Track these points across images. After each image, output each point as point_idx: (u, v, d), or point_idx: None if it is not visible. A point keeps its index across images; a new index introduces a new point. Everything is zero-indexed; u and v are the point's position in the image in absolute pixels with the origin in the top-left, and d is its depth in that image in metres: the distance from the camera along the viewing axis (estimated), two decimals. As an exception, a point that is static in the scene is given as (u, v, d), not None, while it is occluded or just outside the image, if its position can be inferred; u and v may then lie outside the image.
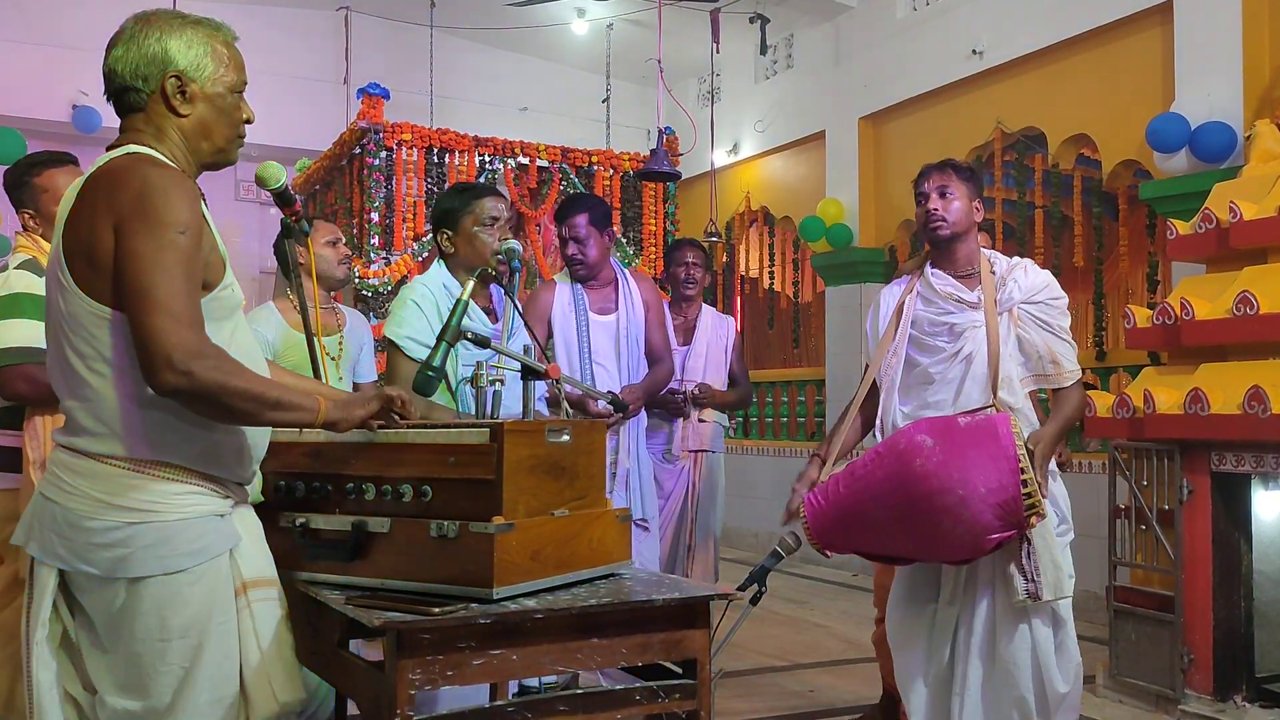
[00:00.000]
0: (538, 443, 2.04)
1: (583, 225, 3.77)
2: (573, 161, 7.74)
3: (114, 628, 1.80)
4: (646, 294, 3.92)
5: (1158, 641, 4.32)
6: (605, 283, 3.86)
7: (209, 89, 1.91)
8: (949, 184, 3.01)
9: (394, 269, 6.99)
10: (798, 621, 6.15)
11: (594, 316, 3.80)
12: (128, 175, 1.78)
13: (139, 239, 1.73)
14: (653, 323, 3.91)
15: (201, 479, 1.85)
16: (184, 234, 1.75)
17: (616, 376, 3.76)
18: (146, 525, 1.77)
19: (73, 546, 1.78)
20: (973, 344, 2.96)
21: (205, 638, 1.82)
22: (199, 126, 1.92)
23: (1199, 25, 5.56)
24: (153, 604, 1.78)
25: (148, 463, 1.80)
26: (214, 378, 1.71)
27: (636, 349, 3.83)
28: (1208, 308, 4.20)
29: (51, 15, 8.62)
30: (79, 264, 1.79)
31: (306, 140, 8.52)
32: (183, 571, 1.79)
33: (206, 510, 1.85)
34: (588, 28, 9.49)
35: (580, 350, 3.77)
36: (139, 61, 1.87)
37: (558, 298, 3.82)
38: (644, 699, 1.99)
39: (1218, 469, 4.14)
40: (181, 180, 1.81)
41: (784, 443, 8.93)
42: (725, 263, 10.06)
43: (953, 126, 7.28)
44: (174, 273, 1.72)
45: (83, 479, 1.79)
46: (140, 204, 1.74)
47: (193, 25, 1.91)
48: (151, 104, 1.89)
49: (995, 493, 2.58)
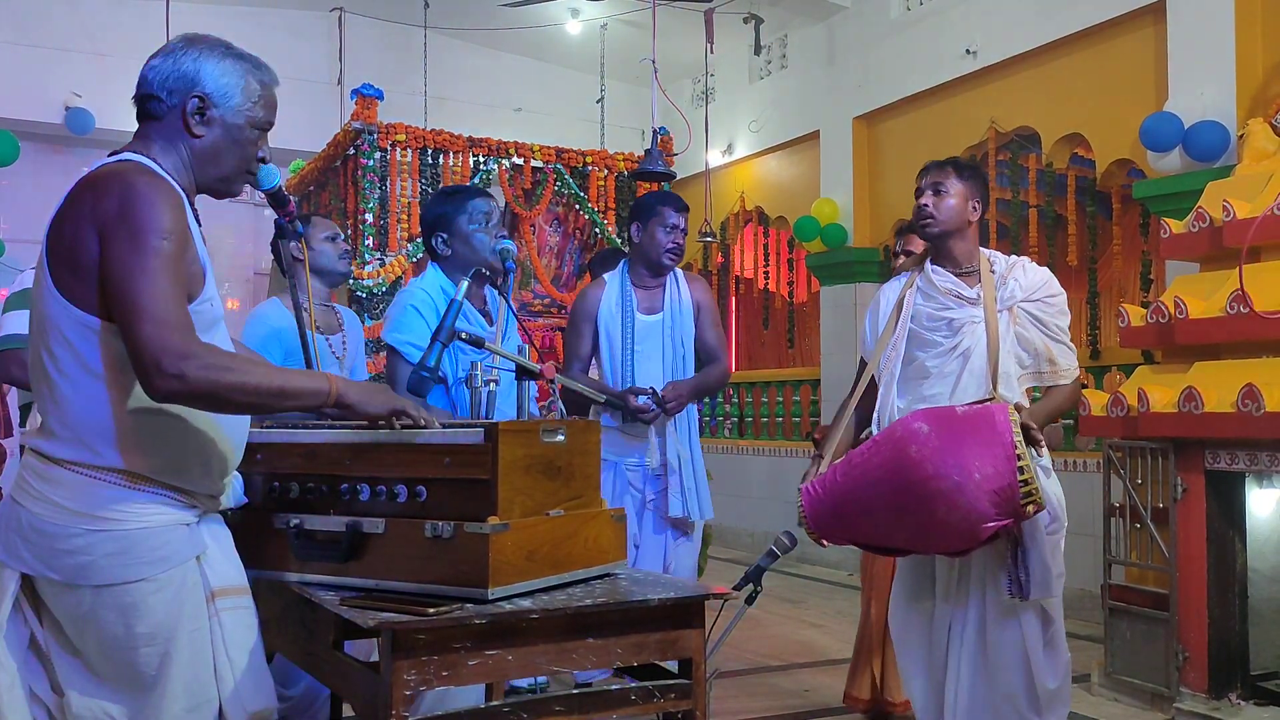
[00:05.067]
0: (533, 443, 2.04)
1: (685, 220, 3.85)
2: (567, 162, 7.73)
3: (81, 632, 1.81)
4: (698, 295, 3.93)
5: (1152, 640, 4.33)
6: (655, 283, 3.87)
7: (229, 118, 1.94)
8: (944, 181, 3.03)
9: (389, 270, 6.98)
10: (793, 621, 6.15)
11: (640, 316, 3.81)
12: (112, 182, 1.79)
13: (122, 246, 1.73)
14: (705, 323, 3.92)
15: (166, 488, 1.84)
16: (167, 240, 1.75)
17: (660, 376, 3.77)
18: (107, 534, 1.78)
19: (36, 552, 1.78)
20: (971, 339, 2.98)
21: (173, 645, 1.81)
22: (210, 151, 1.94)
23: (1192, 25, 5.57)
24: (116, 612, 1.78)
25: (113, 470, 1.80)
26: (206, 376, 1.71)
27: (683, 349, 3.84)
28: (1201, 306, 4.21)
29: (44, 16, 8.60)
30: (61, 270, 1.79)
31: (300, 141, 8.50)
32: (144, 580, 1.79)
33: (170, 519, 1.84)
34: (582, 28, 9.48)
35: (624, 349, 3.78)
36: (171, 74, 1.90)
37: (605, 296, 3.84)
38: (640, 699, 1.99)
39: (1212, 467, 4.14)
40: (165, 188, 1.82)
41: (778, 442, 8.93)
42: (720, 263, 10.06)
43: (947, 126, 7.29)
44: (158, 278, 1.73)
45: (48, 485, 1.79)
46: (123, 211, 1.75)
47: (235, 57, 1.95)
48: (169, 117, 1.91)
49: (991, 479, 2.58)
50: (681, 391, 3.71)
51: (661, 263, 3.79)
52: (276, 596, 2.27)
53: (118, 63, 7.70)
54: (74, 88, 8.41)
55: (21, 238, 8.24)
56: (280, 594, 2.23)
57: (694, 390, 3.80)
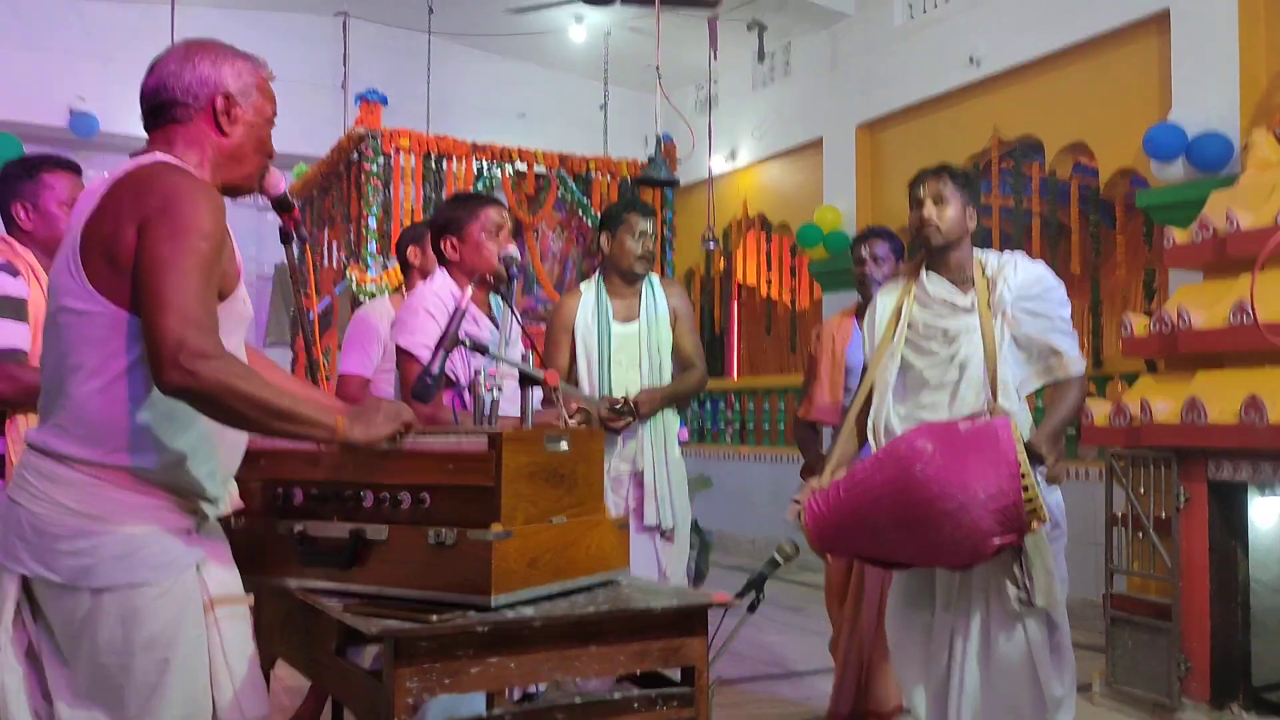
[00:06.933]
0: (536, 450, 2.04)
1: (653, 225, 3.90)
2: (570, 168, 7.75)
3: (75, 638, 1.79)
4: (674, 301, 3.93)
5: (1154, 650, 4.32)
6: (631, 291, 3.88)
7: (251, 116, 1.96)
8: (944, 191, 3.02)
9: (391, 274, 6.99)
10: (795, 629, 6.14)
11: (616, 325, 3.82)
12: (157, 180, 1.80)
13: (161, 241, 1.74)
14: (682, 330, 3.92)
15: (171, 491, 1.84)
16: (206, 241, 1.76)
17: (638, 384, 3.77)
18: (112, 536, 1.77)
19: (36, 552, 1.77)
20: (968, 348, 2.97)
21: (172, 653, 1.80)
22: (237, 150, 1.96)
23: (1196, 34, 5.57)
24: (116, 616, 1.77)
25: (118, 470, 1.79)
26: (218, 379, 1.70)
27: (659, 357, 3.83)
28: (1205, 316, 4.21)
29: (49, 20, 8.62)
30: (98, 262, 1.79)
31: (304, 145, 8.51)
32: (147, 585, 1.78)
33: (173, 525, 1.84)
34: (586, 34, 9.50)
35: (600, 357, 3.78)
36: (192, 79, 1.91)
37: (582, 305, 3.84)
38: (642, 707, 1.98)
39: (1215, 477, 4.14)
40: (208, 189, 1.84)
41: (780, 449, 8.92)
42: (723, 269, 10.07)
43: (950, 134, 7.29)
44: (191, 276, 1.73)
45: (51, 484, 1.78)
46: (166, 207, 1.76)
47: (242, 56, 1.98)
48: (195, 121, 1.93)
49: (995, 498, 2.58)
50: (655, 398, 3.72)
51: (634, 270, 3.79)
52: (279, 603, 2.27)
53: (123, 66, 7.67)
54: (79, 91, 8.42)
55: (25, 241, 8.26)
56: (283, 600, 2.23)
57: (668, 397, 3.80)
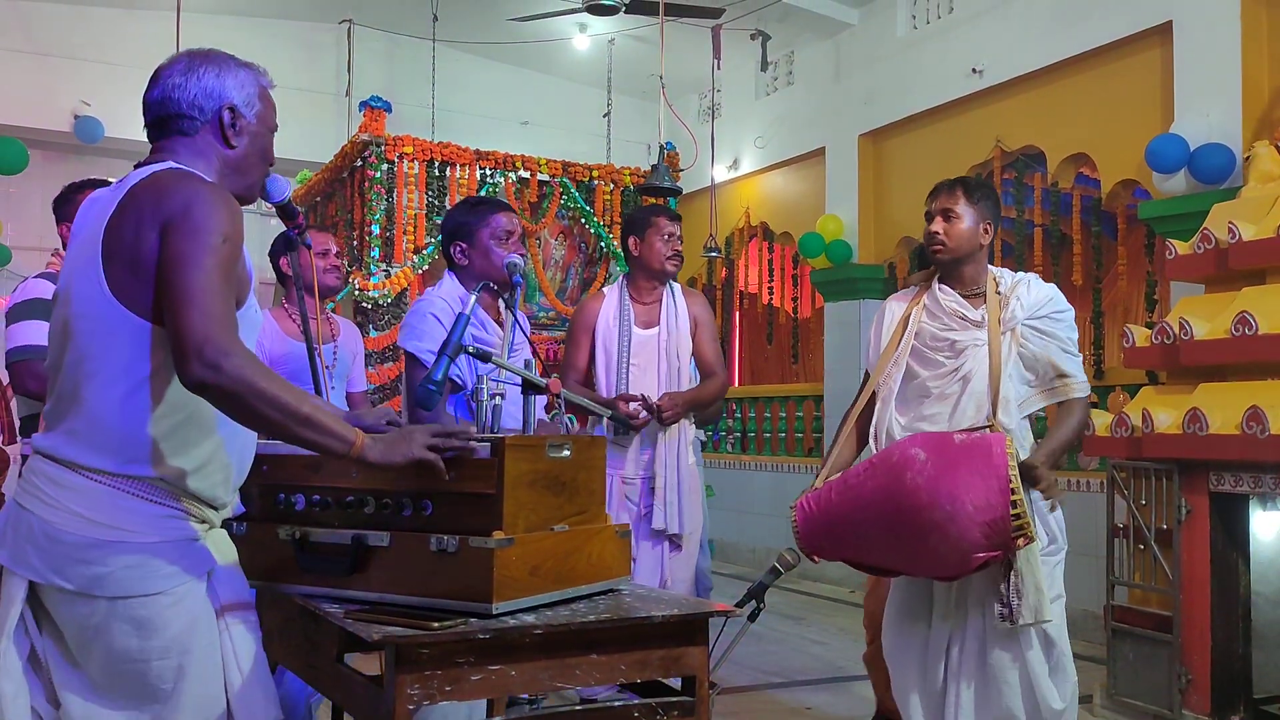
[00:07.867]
0: (538, 457, 2.04)
1: (679, 229, 3.97)
2: (574, 176, 7.76)
3: (87, 644, 1.79)
4: (695, 310, 3.98)
5: (1155, 661, 4.31)
6: (653, 297, 3.90)
7: (255, 126, 1.98)
8: (954, 206, 3.01)
9: (394, 281, 7.00)
10: (796, 638, 6.13)
11: (637, 330, 3.85)
12: (177, 185, 1.82)
13: (183, 240, 1.76)
14: (703, 338, 3.96)
15: (182, 499, 1.84)
16: (225, 242, 1.78)
17: (655, 389, 3.80)
18: (125, 545, 1.77)
19: (48, 559, 1.77)
20: (973, 362, 2.97)
21: (187, 659, 1.81)
22: (243, 160, 1.98)
23: (1198, 46, 5.58)
24: (130, 624, 1.77)
25: (132, 479, 1.79)
26: (242, 375, 1.70)
27: (678, 362, 3.86)
28: (1207, 328, 4.21)
29: (54, 25, 8.64)
30: (119, 270, 1.80)
31: (308, 152, 8.54)
32: (161, 594, 1.79)
33: (185, 534, 1.85)
34: (589, 43, 9.52)
35: (620, 361, 3.81)
36: (197, 91, 1.93)
37: (604, 309, 3.90)
38: (642, 715, 1.98)
39: (1216, 489, 4.14)
40: (227, 195, 1.86)
41: (782, 458, 8.92)
42: (725, 278, 10.07)
43: (952, 144, 7.30)
44: (212, 275, 1.75)
45: (65, 491, 1.78)
46: (189, 210, 1.77)
47: (244, 66, 1.99)
48: (201, 133, 1.94)
49: (983, 511, 2.58)
50: (678, 401, 3.73)
51: (665, 270, 3.86)
52: (280, 608, 2.27)
53: (127, 72, 7.72)
54: (83, 96, 8.44)
55: (29, 245, 8.28)
56: (283, 606, 2.24)
57: (690, 401, 3.82)
